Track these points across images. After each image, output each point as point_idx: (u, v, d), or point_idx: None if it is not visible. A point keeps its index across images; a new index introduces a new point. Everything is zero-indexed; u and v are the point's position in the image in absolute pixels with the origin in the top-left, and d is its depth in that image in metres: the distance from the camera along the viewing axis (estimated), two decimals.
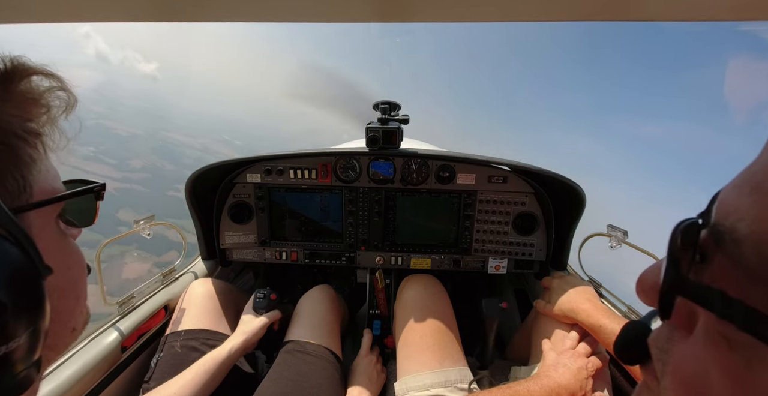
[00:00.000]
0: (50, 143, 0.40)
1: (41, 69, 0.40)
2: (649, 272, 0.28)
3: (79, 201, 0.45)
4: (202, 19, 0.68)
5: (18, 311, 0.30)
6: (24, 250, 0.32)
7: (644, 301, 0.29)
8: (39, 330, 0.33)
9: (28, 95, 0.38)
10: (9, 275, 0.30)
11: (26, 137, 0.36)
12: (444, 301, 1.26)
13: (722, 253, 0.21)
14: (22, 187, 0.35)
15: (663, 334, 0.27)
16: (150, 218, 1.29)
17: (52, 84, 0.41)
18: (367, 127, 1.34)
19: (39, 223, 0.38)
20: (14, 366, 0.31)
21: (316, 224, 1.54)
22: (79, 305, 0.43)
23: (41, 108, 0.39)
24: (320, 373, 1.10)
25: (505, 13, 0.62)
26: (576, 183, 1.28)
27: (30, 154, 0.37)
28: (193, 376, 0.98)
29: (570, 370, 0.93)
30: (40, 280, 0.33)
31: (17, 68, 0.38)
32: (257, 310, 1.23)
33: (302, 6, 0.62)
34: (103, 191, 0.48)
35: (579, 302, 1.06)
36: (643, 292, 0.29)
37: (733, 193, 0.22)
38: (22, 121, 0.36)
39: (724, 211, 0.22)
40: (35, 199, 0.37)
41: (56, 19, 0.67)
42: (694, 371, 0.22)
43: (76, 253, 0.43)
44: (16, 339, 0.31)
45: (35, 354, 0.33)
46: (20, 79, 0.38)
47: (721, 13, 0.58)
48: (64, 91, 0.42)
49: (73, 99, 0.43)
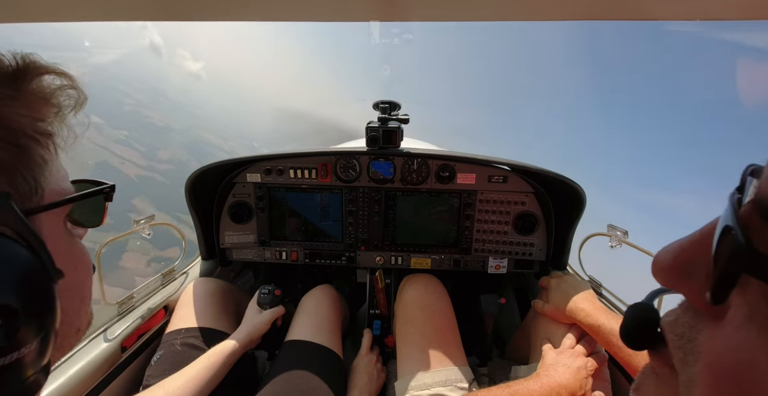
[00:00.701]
0: (60, 143, 0.39)
1: (53, 68, 0.39)
2: (685, 250, 0.26)
3: (88, 201, 0.44)
4: (202, 19, 0.68)
5: (30, 317, 0.30)
6: (36, 254, 0.32)
7: (662, 282, 0.27)
8: (50, 335, 0.33)
9: (39, 94, 0.37)
10: (22, 280, 0.30)
11: (38, 138, 0.36)
12: (444, 300, 1.26)
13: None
14: (33, 189, 0.35)
15: (683, 320, 0.26)
16: (150, 218, 1.29)
17: (63, 82, 0.40)
18: (367, 126, 1.34)
19: (48, 225, 0.37)
20: (25, 371, 0.31)
21: (316, 224, 1.54)
22: (84, 306, 0.43)
23: (52, 107, 0.39)
24: (321, 373, 1.10)
25: (506, 13, 0.62)
26: (576, 183, 1.28)
27: (42, 154, 0.36)
28: (198, 371, 0.98)
29: (569, 369, 0.93)
30: (52, 285, 0.33)
31: (29, 67, 0.37)
32: (262, 305, 1.23)
33: (302, 6, 0.62)
34: (112, 192, 0.47)
35: (577, 302, 1.06)
36: (676, 275, 0.26)
37: None
38: (33, 121, 0.36)
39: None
40: (46, 200, 0.37)
41: (56, 18, 0.67)
42: (736, 361, 0.20)
43: (83, 254, 0.43)
44: (27, 345, 0.30)
45: (45, 358, 0.33)
46: (32, 78, 0.37)
47: (722, 13, 0.58)
48: (75, 89, 0.41)
49: (83, 97, 0.42)
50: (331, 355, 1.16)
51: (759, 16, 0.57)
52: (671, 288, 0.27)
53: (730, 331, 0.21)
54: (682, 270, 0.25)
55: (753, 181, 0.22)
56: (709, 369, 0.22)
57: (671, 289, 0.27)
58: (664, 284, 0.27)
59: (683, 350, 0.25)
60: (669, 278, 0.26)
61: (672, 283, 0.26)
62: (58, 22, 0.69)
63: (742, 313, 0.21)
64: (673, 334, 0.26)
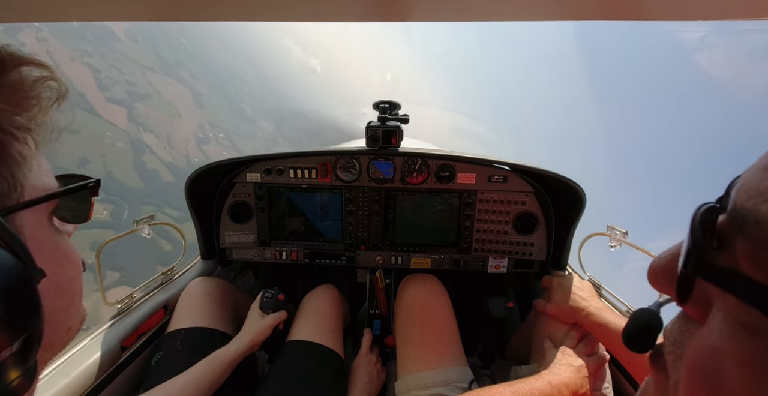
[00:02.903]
0: (43, 137, 0.38)
1: (31, 59, 0.37)
2: (664, 259, 0.28)
3: (73, 197, 0.43)
4: (202, 19, 0.68)
5: (8, 319, 0.29)
6: (14, 253, 0.31)
7: (657, 288, 0.28)
8: (33, 337, 0.32)
9: (18, 86, 0.36)
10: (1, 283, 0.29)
11: (14, 132, 0.34)
12: (444, 300, 1.26)
13: (744, 236, 0.21)
14: (12, 186, 0.34)
15: (677, 325, 0.27)
16: (150, 218, 1.29)
17: (43, 74, 0.39)
18: (367, 126, 1.34)
19: (31, 222, 0.36)
20: (6, 375, 0.30)
21: (315, 224, 1.54)
22: (74, 304, 0.42)
23: (31, 100, 0.37)
24: (323, 374, 1.10)
25: (506, 14, 0.62)
26: (576, 183, 1.28)
27: (19, 150, 0.35)
28: (198, 374, 0.98)
29: (571, 368, 0.93)
30: (33, 285, 0.32)
31: (5, 58, 0.35)
32: (264, 310, 1.22)
33: (302, 6, 0.62)
34: (98, 187, 0.46)
35: (579, 301, 1.06)
36: (657, 279, 0.28)
37: (757, 176, 0.22)
38: (10, 115, 0.34)
39: (747, 193, 0.22)
40: (26, 197, 0.35)
41: (56, 18, 0.67)
42: (709, 362, 0.22)
43: (71, 251, 0.42)
44: (7, 348, 0.29)
45: (29, 361, 0.32)
46: (9, 70, 0.35)
47: (722, 13, 0.58)
48: (55, 80, 0.40)
49: (64, 89, 0.41)
50: (332, 355, 1.16)
51: (759, 16, 0.57)
52: (662, 292, 0.28)
53: (707, 332, 0.23)
54: (670, 275, 0.27)
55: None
56: (688, 368, 0.23)
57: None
58: (656, 289, 0.28)
59: (674, 355, 0.26)
60: (660, 283, 0.28)
61: (662, 287, 0.28)
62: (59, 22, 0.69)
63: (719, 317, 0.22)
64: (668, 340, 0.27)
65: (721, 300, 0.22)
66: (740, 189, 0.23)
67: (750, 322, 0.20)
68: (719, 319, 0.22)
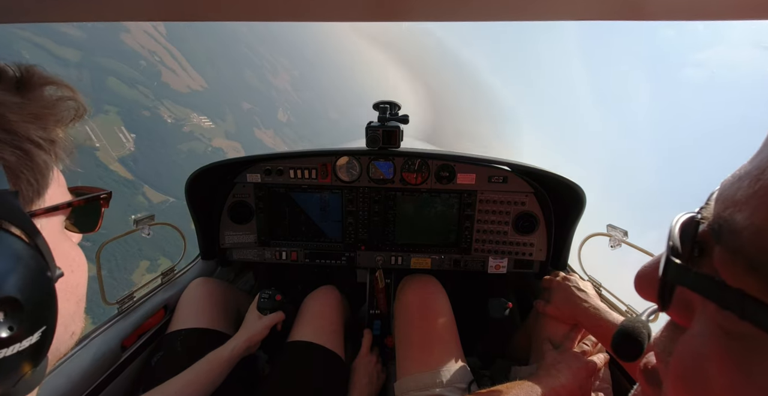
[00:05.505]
0: (62, 151, 0.42)
1: (55, 79, 0.41)
2: (647, 267, 0.29)
3: (86, 207, 0.46)
4: (202, 19, 0.68)
5: (33, 310, 0.32)
6: (40, 252, 0.34)
7: (643, 296, 0.29)
8: (49, 331, 0.34)
9: (43, 104, 0.39)
10: (26, 276, 0.32)
11: (42, 144, 0.38)
12: (443, 301, 1.26)
13: (721, 245, 0.22)
14: (36, 192, 0.37)
15: (666, 334, 0.27)
16: (150, 218, 1.29)
17: (65, 93, 0.43)
18: (367, 126, 1.34)
19: (48, 227, 0.39)
20: (24, 366, 0.32)
21: (316, 224, 1.54)
22: (79, 309, 0.44)
23: (54, 116, 0.41)
24: (323, 374, 1.10)
25: (506, 14, 0.62)
26: (576, 183, 1.28)
27: (45, 160, 0.38)
28: (196, 375, 0.98)
29: (571, 369, 0.93)
30: (53, 283, 0.35)
31: (33, 77, 0.39)
32: (262, 310, 1.22)
33: (302, 6, 0.62)
34: (109, 199, 0.50)
35: (579, 302, 1.06)
36: (641, 287, 0.29)
37: (733, 186, 0.22)
38: (37, 129, 0.38)
39: (723, 203, 0.22)
40: (47, 204, 0.39)
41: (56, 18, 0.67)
42: (693, 366, 0.22)
43: (79, 257, 0.44)
44: (29, 338, 0.31)
45: (42, 355, 0.34)
46: (36, 88, 0.39)
47: (722, 13, 0.58)
48: (75, 101, 0.43)
49: (82, 109, 0.44)
50: (332, 357, 1.16)
51: (759, 16, 0.57)
52: (647, 299, 0.29)
53: (690, 337, 0.24)
54: (652, 283, 0.27)
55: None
56: (672, 372, 0.24)
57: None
58: (642, 296, 0.29)
59: (664, 363, 0.27)
60: (644, 290, 0.29)
61: (646, 295, 0.29)
62: (58, 22, 0.69)
63: (701, 323, 0.23)
64: (658, 348, 0.28)
65: (702, 306, 0.23)
66: (717, 198, 0.23)
67: (729, 325, 0.21)
68: (701, 325, 0.23)
